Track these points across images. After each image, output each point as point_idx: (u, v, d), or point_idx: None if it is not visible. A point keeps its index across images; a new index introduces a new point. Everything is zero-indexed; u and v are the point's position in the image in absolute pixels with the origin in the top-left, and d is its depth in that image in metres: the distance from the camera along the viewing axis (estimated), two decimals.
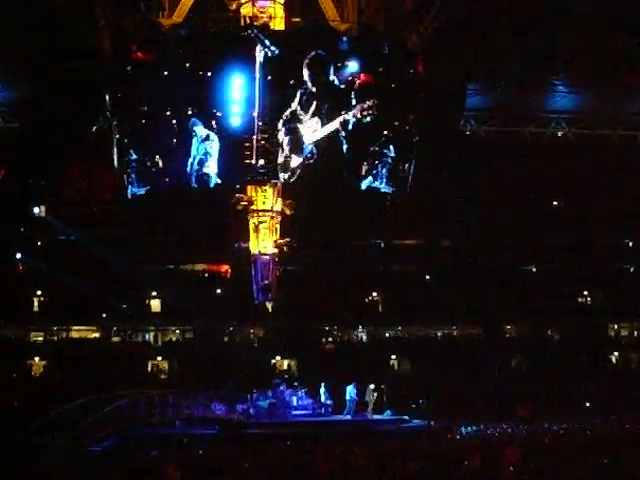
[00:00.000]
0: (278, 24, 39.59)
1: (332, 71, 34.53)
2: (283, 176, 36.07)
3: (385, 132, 35.01)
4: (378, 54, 35.75)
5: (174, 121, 34.02)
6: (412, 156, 35.86)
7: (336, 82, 34.44)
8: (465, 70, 39.57)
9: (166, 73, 34.45)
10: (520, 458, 20.41)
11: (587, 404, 41.09)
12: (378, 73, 35.04)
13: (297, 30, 38.65)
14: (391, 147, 35.50)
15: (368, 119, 34.27)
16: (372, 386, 37.36)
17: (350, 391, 36.71)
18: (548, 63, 43.04)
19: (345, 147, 34.78)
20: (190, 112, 34.06)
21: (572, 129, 50.27)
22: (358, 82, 34.60)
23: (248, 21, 38.77)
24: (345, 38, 35.90)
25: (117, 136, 34.89)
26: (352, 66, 34.63)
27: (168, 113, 34.32)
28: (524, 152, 48.63)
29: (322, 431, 31.59)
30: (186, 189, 34.66)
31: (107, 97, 34.73)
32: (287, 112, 34.75)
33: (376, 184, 35.36)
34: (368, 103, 34.07)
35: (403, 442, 27.46)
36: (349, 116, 34.30)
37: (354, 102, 34.13)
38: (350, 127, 34.58)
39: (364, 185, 35.31)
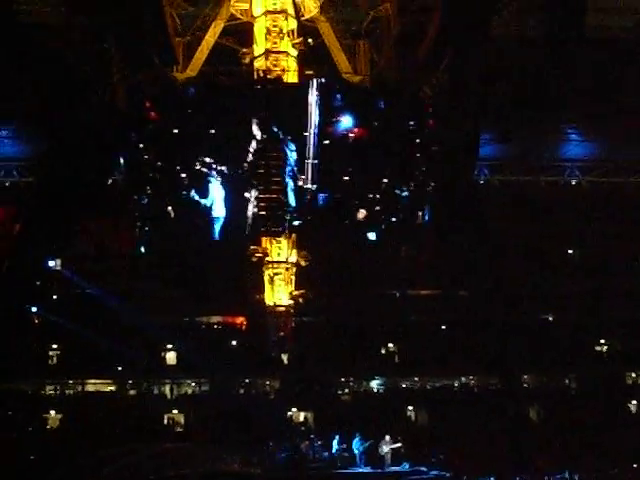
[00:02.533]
0: (291, 77, 40.05)
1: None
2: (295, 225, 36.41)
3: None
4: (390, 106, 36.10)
5: (185, 174, 34.49)
6: (426, 206, 36.03)
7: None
8: (477, 120, 39.73)
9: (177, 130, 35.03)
10: None
11: (605, 453, 40.64)
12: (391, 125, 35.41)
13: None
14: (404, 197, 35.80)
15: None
16: (388, 437, 37.08)
17: (355, 443, 36.50)
18: (561, 112, 43.22)
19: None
20: (205, 165, 34.46)
21: (586, 177, 50.32)
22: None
23: (261, 74, 39.28)
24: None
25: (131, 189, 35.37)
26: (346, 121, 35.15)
27: (181, 167, 34.79)
28: (538, 201, 48.70)
29: None
30: (204, 241, 34.93)
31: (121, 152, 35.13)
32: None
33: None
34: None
35: None
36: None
37: None
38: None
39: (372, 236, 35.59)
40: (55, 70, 37.28)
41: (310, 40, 41.63)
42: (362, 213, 36.38)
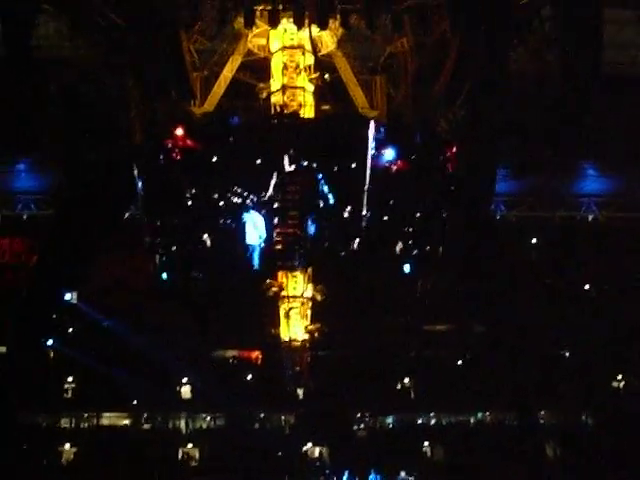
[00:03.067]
0: (308, 112, 40.26)
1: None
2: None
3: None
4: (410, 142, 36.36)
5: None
6: (442, 241, 36.10)
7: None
8: (494, 155, 39.79)
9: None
10: None
11: None
12: (410, 160, 35.59)
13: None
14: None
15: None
16: (403, 473, 36.94)
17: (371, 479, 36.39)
18: (577, 147, 43.22)
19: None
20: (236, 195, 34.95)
21: (603, 212, 50.25)
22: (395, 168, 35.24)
23: (278, 109, 39.50)
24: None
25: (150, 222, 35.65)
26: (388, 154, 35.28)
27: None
28: (555, 236, 48.65)
29: None
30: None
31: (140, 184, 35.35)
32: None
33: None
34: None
35: None
36: None
37: None
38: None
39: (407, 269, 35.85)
40: (72, 104, 37.57)
41: (327, 75, 41.84)
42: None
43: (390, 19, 39.51)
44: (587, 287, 51.24)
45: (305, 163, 35.87)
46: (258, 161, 35.46)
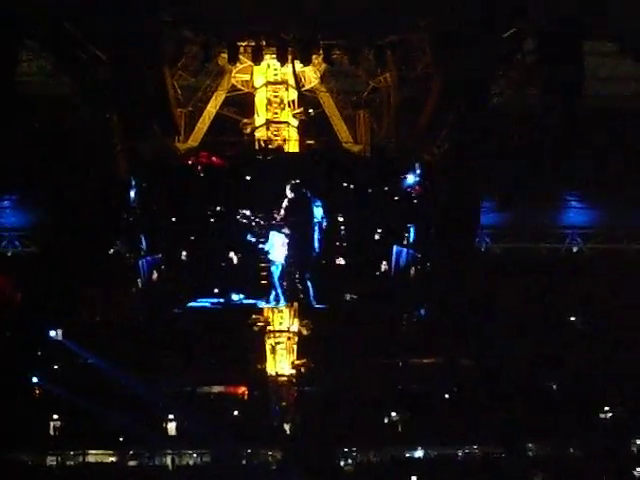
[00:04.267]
0: (292, 146, 40.50)
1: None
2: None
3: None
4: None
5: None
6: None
7: None
8: (478, 188, 39.94)
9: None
10: None
11: None
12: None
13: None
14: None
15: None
16: None
17: None
18: (561, 179, 43.42)
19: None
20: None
21: (587, 244, 50.36)
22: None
23: (263, 144, 39.74)
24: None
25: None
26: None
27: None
28: (540, 268, 48.69)
29: None
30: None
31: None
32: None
33: None
34: None
35: None
36: None
37: None
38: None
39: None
40: (57, 140, 37.63)
41: (311, 110, 42.07)
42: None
43: (373, 54, 39.78)
44: (573, 319, 51.27)
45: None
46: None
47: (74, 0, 34.24)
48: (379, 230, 37.56)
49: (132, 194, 37.50)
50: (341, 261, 37.60)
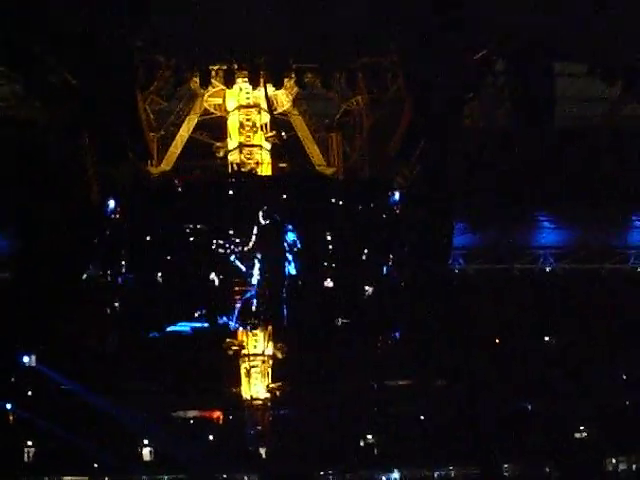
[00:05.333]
0: (265, 169, 40.54)
1: None
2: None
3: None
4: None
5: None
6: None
7: None
8: (450, 209, 40.08)
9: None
10: None
11: None
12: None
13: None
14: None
15: None
16: None
17: None
18: (533, 200, 43.60)
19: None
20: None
21: (560, 264, 50.57)
22: None
23: (235, 167, 39.76)
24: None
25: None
26: None
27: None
28: (513, 289, 48.87)
29: None
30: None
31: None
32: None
33: None
34: None
35: None
36: None
37: None
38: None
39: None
40: (28, 166, 37.49)
41: (283, 133, 42.12)
42: None
43: (345, 77, 39.95)
44: (547, 339, 51.44)
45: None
46: None
47: (43, 25, 34.12)
48: (365, 251, 37.64)
49: (109, 215, 37.47)
50: (329, 283, 37.55)
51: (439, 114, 37.75)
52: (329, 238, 37.43)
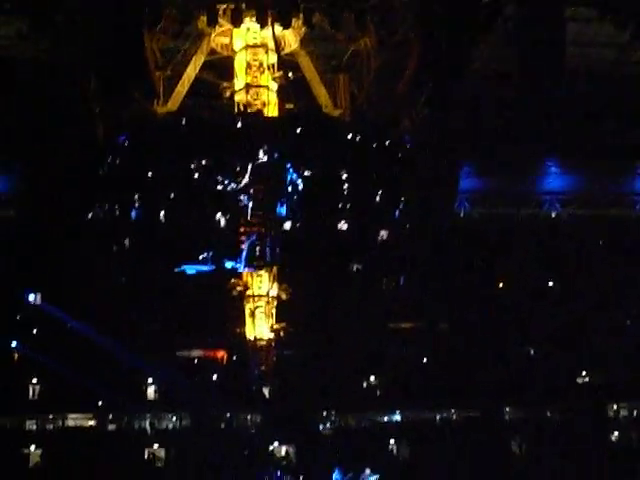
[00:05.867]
0: (272, 110, 40.31)
1: None
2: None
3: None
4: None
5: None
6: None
7: None
8: (457, 153, 39.96)
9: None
10: None
11: None
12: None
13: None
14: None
15: None
16: (368, 470, 37.05)
17: (336, 476, 36.47)
18: (540, 144, 43.46)
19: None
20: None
21: (565, 209, 50.48)
22: None
23: (242, 108, 39.56)
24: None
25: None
26: None
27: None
28: (518, 234, 48.81)
29: None
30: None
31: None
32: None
33: None
34: None
35: None
36: None
37: None
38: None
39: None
40: (35, 104, 37.36)
41: (290, 74, 41.87)
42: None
43: (354, 17, 39.61)
44: (551, 284, 51.45)
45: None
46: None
47: None
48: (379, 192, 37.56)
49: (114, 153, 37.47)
50: (344, 226, 37.53)
51: (447, 56, 37.49)
52: (344, 177, 37.31)
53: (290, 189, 36.88)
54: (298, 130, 37.46)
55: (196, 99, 42.53)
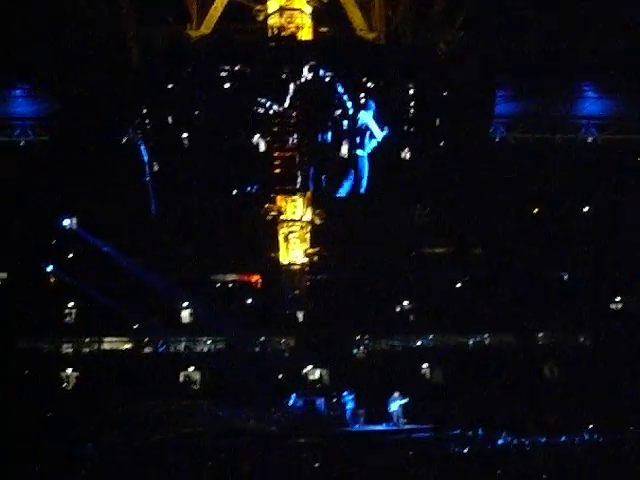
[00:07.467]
0: (306, 34, 39.98)
1: None
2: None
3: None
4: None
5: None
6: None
7: None
8: (493, 77, 39.54)
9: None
10: None
11: (619, 413, 40.55)
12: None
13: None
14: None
15: None
16: (397, 394, 37.41)
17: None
18: (577, 68, 42.94)
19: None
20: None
21: (602, 134, 50.00)
22: None
23: (276, 32, 39.25)
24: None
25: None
26: None
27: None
28: (554, 159, 48.39)
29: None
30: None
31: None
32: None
33: None
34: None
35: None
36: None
37: None
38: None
39: None
40: (70, 29, 37.24)
41: None
42: None
43: None
44: (586, 209, 51.12)
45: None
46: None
47: None
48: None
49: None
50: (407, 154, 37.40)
51: None
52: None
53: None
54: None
55: (229, 23, 42.18)
